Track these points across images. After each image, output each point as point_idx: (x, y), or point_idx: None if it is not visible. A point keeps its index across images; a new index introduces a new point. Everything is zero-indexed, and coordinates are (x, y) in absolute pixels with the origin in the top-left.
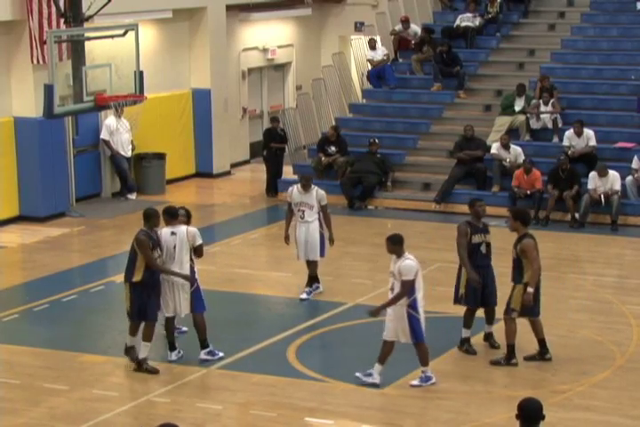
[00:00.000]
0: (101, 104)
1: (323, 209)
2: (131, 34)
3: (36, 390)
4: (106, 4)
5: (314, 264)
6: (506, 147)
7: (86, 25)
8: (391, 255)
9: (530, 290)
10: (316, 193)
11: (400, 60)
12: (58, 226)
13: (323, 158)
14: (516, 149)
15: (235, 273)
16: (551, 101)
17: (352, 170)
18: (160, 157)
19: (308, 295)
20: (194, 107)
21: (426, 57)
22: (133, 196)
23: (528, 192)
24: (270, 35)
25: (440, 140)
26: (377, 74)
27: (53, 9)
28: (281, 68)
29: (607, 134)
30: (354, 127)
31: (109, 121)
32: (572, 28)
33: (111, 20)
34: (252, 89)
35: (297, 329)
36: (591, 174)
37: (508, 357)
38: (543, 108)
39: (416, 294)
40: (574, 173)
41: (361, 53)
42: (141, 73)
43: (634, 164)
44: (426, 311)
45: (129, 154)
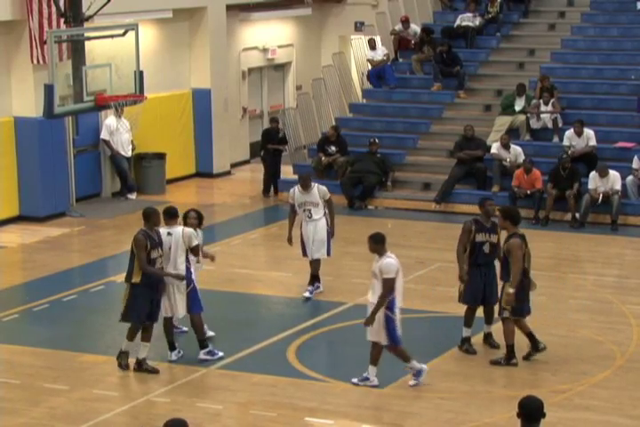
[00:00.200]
0: (101, 104)
1: (328, 202)
2: (131, 34)
3: (36, 390)
4: (106, 4)
5: (317, 263)
6: (506, 147)
7: (86, 25)
8: (373, 255)
9: (510, 290)
10: (318, 190)
11: (400, 60)
12: (58, 226)
13: (323, 158)
14: (517, 149)
15: (235, 273)
16: (551, 101)
17: (352, 170)
18: (160, 157)
19: (311, 294)
20: (194, 107)
21: (426, 57)
22: (133, 196)
23: (528, 192)
24: (270, 35)
25: (440, 140)
26: (377, 74)
27: (53, 9)
28: (281, 68)
29: (607, 134)
30: (354, 127)
31: (109, 121)
32: (572, 28)
33: (111, 20)
34: (252, 89)
35: (297, 329)
36: (592, 174)
37: (508, 357)
38: (543, 107)
39: (394, 294)
40: (575, 172)
41: (361, 53)
42: (141, 73)
43: (634, 164)
44: (426, 311)
45: (129, 154)
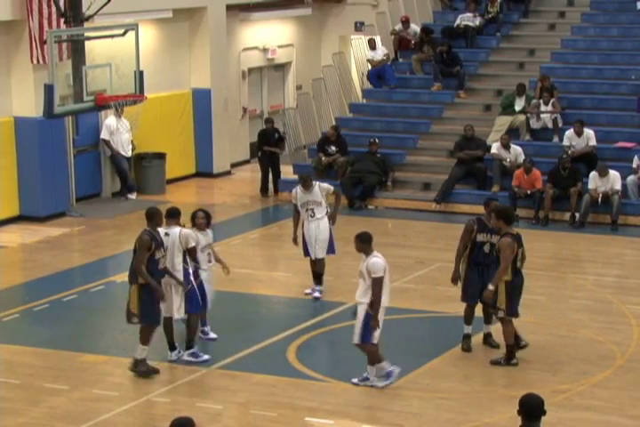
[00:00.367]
0: (101, 104)
1: (335, 194)
2: (131, 34)
3: (36, 390)
4: (106, 4)
5: (321, 262)
6: (506, 147)
7: (86, 25)
8: (360, 254)
9: (490, 287)
10: (319, 188)
11: (400, 60)
12: (58, 226)
13: (323, 158)
14: (517, 149)
15: (235, 273)
16: (551, 101)
17: (352, 170)
18: (160, 157)
19: (320, 294)
20: (194, 107)
21: (426, 57)
22: (133, 196)
23: (528, 192)
24: (270, 35)
25: (440, 140)
26: (377, 74)
27: (53, 9)
28: (281, 68)
29: (607, 134)
30: (354, 127)
31: (109, 121)
32: (572, 28)
33: (111, 20)
34: (252, 89)
35: (297, 329)
36: (592, 174)
37: (508, 357)
38: (543, 107)
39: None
40: (577, 172)
41: (361, 53)
42: (141, 73)
43: (634, 163)
44: (426, 311)
45: (129, 154)
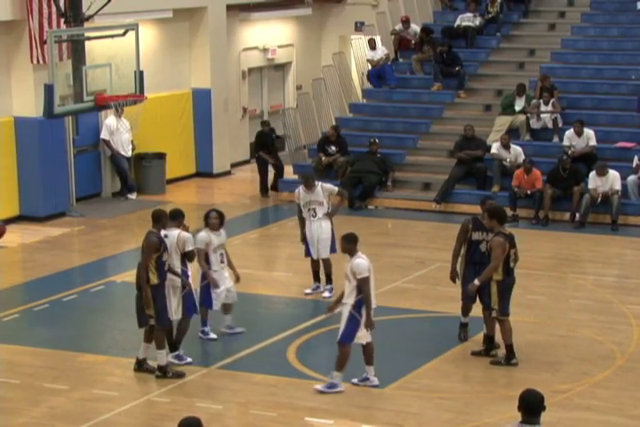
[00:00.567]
0: (101, 104)
1: (340, 195)
2: (131, 34)
3: (36, 390)
4: (106, 4)
5: (327, 262)
6: (506, 147)
7: (86, 25)
8: (345, 255)
9: (476, 282)
10: (322, 188)
11: (400, 60)
12: (58, 226)
13: (323, 158)
14: (517, 149)
15: None
16: (551, 101)
17: (352, 170)
18: (160, 157)
19: (331, 293)
20: (194, 107)
21: (426, 57)
22: (133, 196)
23: (528, 192)
24: (270, 35)
25: (440, 140)
26: (377, 74)
27: (53, 9)
28: (281, 68)
29: (607, 134)
30: (354, 127)
31: (109, 121)
32: (572, 28)
33: (111, 20)
34: (252, 89)
35: (297, 329)
36: (591, 174)
37: (508, 357)
38: (543, 107)
39: (361, 296)
40: (578, 172)
41: (361, 53)
42: (141, 73)
43: (634, 163)
44: (426, 311)
45: (129, 154)
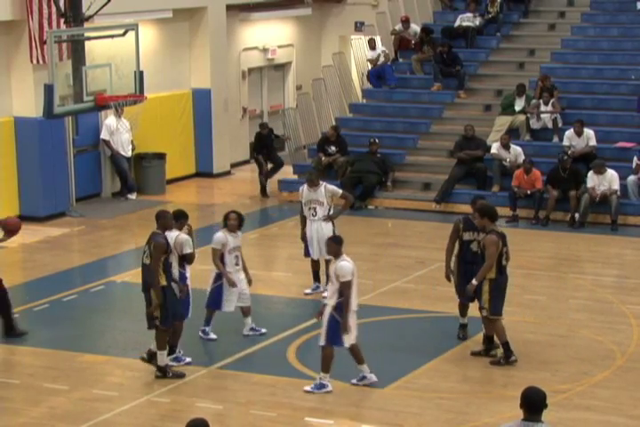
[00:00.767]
0: (101, 104)
1: (344, 198)
2: (131, 34)
3: (36, 390)
4: (106, 4)
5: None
6: (506, 147)
7: (86, 25)
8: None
9: (473, 282)
10: (325, 189)
11: (400, 60)
12: (58, 226)
13: (323, 158)
14: (516, 149)
15: None
16: (551, 101)
17: (352, 170)
18: (160, 157)
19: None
20: (194, 107)
21: (426, 57)
22: (133, 196)
23: (528, 192)
24: (270, 35)
25: (440, 140)
26: (377, 74)
27: (53, 9)
28: (281, 68)
29: (607, 134)
30: (354, 127)
31: (109, 121)
32: (572, 28)
33: (111, 20)
34: (252, 89)
35: (297, 329)
36: (590, 172)
37: (506, 355)
38: (543, 107)
39: (351, 297)
40: (578, 173)
41: (361, 53)
42: (141, 73)
43: (634, 163)
44: (426, 311)
45: (129, 154)
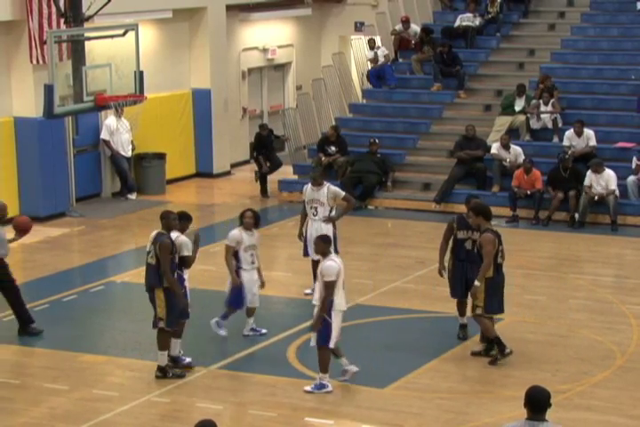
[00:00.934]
0: (101, 104)
1: (346, 200)
2: (131, 34)
3: (36, 390)
4: (106, 4)
5: None
6: (506, 147)
7: (86, 25)
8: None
9: (476, 283)
10: (327, 190)
11: (400, 60)
12: (58, 226)
13: (323, 158)
14: (516, 149)
15: None
16: (551, 101)
17: (352, 170)
18: (160, 157)
19: None
20: (194, 107)
21: (426, 57)
22: (133, 196)
23: (528, 192)
24: (270, 35)
25: (440, 140)
26: (377, 74)
27: (53, 9)
28: (281, 68)
29: (607, 134)
30: (354, 127)
31: (109, 121)
32: (572, 28)
33: (111, 20)
34: (252, 89)
35: (297, 329)
36: (588, 171)
37: (500, 349)
38: (543, 108)
39: (332, 297)
40: (579, 173)
41: (361, 53)
42: (141, 73)
43: (633, 164)
44: (426, 311)
45: (129, 154)
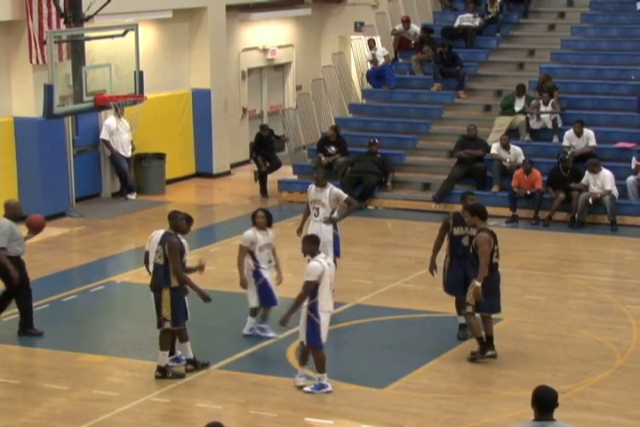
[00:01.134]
0: (101, 104)
1: (348, 203)
2: (131, 34)
3: (36, 390)
4: (106, 4)
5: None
6: (506, 147)
7: (86, 25)
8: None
9: (477, 284)
10: (330, 191)
11: (400, 61)
12: (58, 226)
13: (323, 158)
14: (516, 150)
15: (234, 273)
16: (551, 101)
17: (352, 170)
18: (160, 157)
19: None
20: (194, 107)
21: (426, 57)
22: (133, 196)
23: (528, 192)
24: (270, 35)
25: (440, 140)
26: (377, 74)
27: (53, 9)
28: (281, 68)
29: (607, 134)
30: (354, 127)
31: (109, 121)
32: (572, 28)
33: (111, 20)
34: (252, 89)
35: (297, 329)
36: (586, 171)
37: (482, 349)
38: (543, 108)
39: (317, 298)
40: (579, 173)
41: (361, 54)
42: (141, 73)
43: (633, 164)
44: (426, 311)
45: (129, 154)
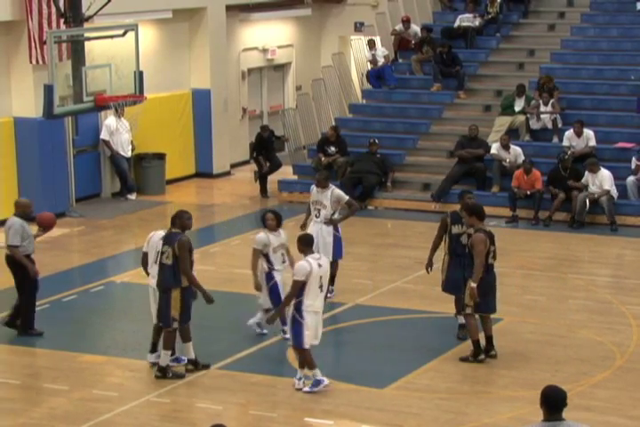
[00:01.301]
0: (101, 104)
1: (349, 205)
2: (130, 34)
3: (36, 390)
4: (106, 4)
5: (334, 264)
6: (506, 147)
7: (86, 25)
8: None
9: (472, 285)
10: (331, 193)
11: (400, 61)
12: (58, 226)
13: (322, 159)
14: (516, 150)
15: (234, 273)
16: (551, 102)
17: (352, 170)
18: (160, 158)
19: (331, 294)
20: (194, 107)
21: (426, 57)
22: (133, 196)
23: (528, 192)
24: (270, 35)
25: (440, 140)
26: (377, 74)
27: (53, 9)
28: (281, 69)
29: (607, 134)
30: (354, 127)
31: (109, 121)
32: (572, 29)
33: (111, 20)
34: (252, 89)
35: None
36: (586, 171)
37: (475, 353)
38: (543, 108)
39: (302, 298)
40: (579, 173)
41: (361, 54)
42: (141, 73)
43: (633, 164)
44: (426, 311)
45: (129, 154)
